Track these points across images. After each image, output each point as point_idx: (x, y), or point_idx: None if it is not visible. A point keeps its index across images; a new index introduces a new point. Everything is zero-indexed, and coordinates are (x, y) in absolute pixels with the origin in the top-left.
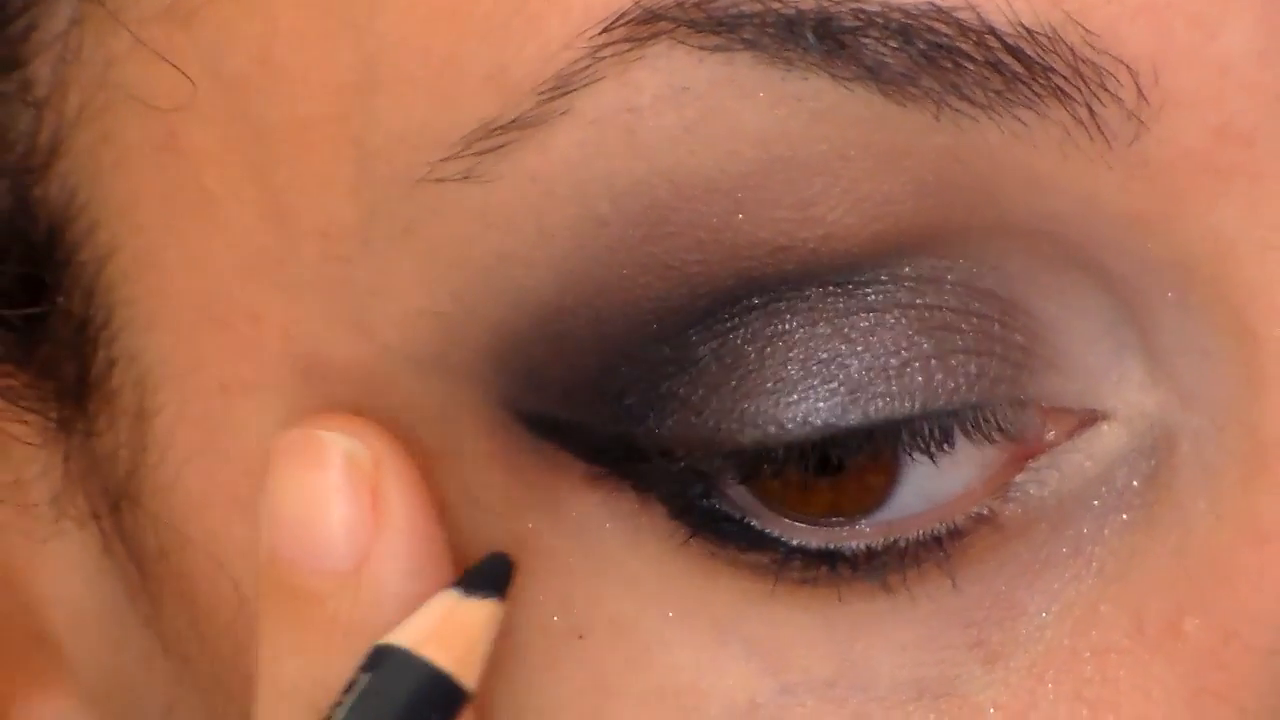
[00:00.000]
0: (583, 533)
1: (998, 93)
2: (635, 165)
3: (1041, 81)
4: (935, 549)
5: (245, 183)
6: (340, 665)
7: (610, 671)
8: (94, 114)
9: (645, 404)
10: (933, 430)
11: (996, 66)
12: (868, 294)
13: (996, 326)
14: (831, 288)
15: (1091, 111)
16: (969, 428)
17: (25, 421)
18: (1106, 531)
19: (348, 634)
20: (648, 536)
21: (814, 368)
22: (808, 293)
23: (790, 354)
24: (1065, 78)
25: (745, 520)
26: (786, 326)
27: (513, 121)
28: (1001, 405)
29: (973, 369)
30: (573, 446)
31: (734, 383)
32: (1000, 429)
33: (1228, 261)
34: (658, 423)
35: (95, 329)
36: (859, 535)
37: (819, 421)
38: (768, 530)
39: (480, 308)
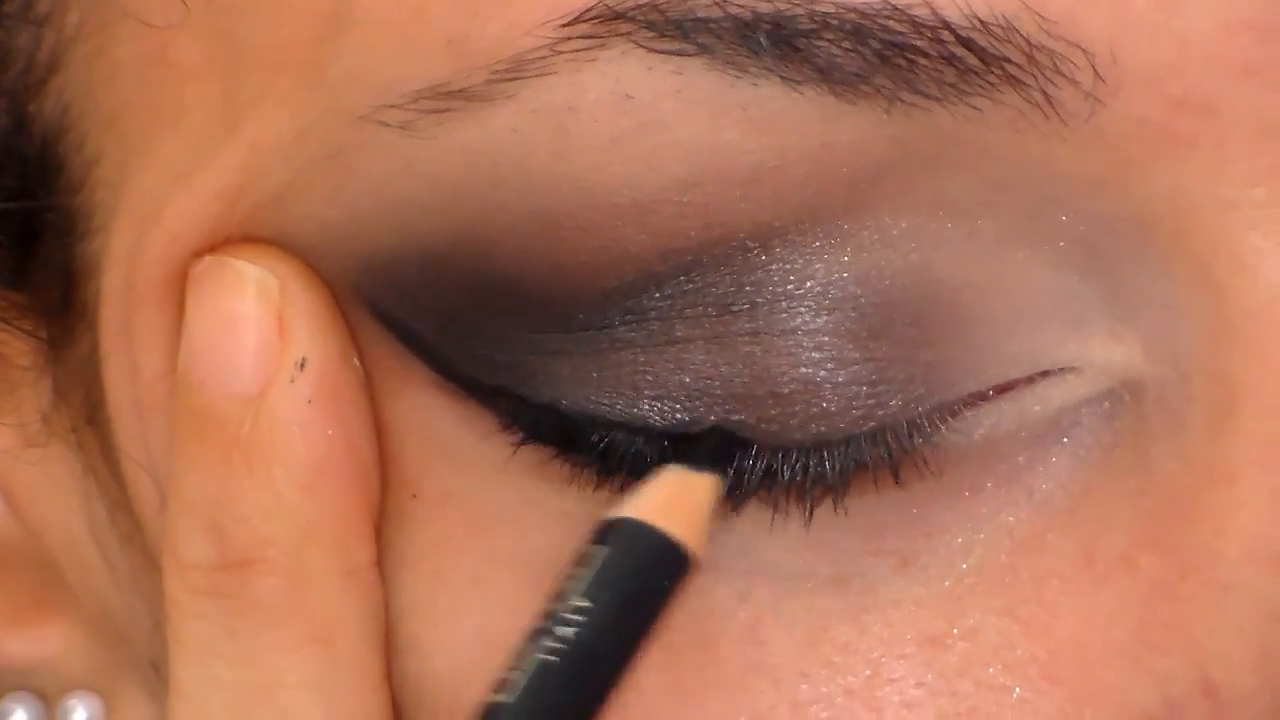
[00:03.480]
0: (419, 414)
1: (951, 85)
2: (554, 164)
3: (996, 71)
4: (835, 479)
5: (216, 97)
6: (236, 485)
7: (454, 530)
8: (91, 30)
9: (498, 365)
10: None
11: (950, 60)
12: (760, 314)
13: (900, 345)
14: (717, 309)
15: (1046, 95)
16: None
17: (19, 341)
18: (1054, 466)
19: (245, 455)
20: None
21: (688, 381)
22: (690, 311)
23: (666, 364)
24: (1019, 65)
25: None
26: (664, 336)
27: (460, 91)
28: (922, 417)
29: (869, 401)
30: (415, 351)
31: (599, 378)
32: (910, 444)
33: (1190, 217)
34: (509, 383)
35: (75, 237)
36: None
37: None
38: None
39: (372, 230)
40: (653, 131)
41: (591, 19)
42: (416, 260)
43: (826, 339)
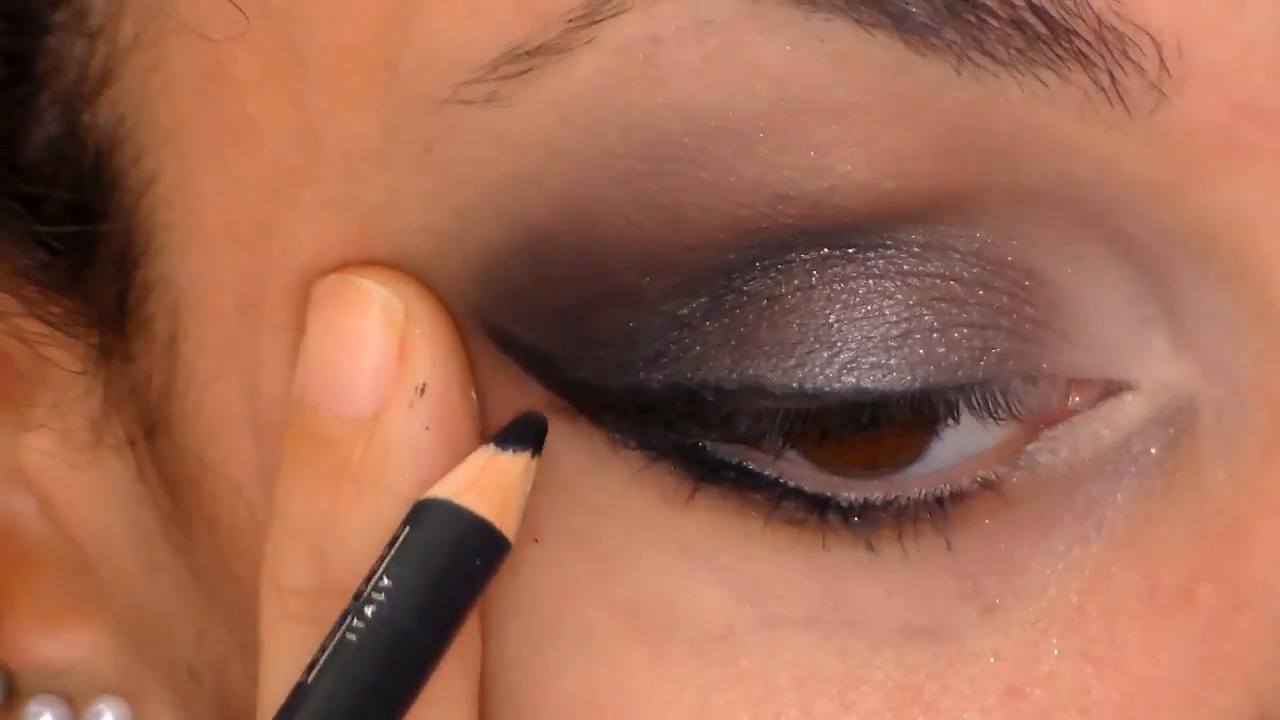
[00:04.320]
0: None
1: (1019, 50)
2: (651, 95)
3: (1064, 44)
4: (935, 508)
5: (284, 107)
6: (344, 511)
7: (573, 576)
8: (146, 43)
9: (621, 355)
10: (936, 405)
11: (1019, 25)
12: (869, 259)
13: (1006, 299)
14: (831, 251)
15: (1113, 78)
16: (975, 404)
17: (67, 348)
18: (1120, 496)
19: (356, 480)
20: (612, 469)
21: (809, 334)
22: (805, 257)
23: (786, 319)
24: (1088, 42)
25: (739, 463)
26: (781, 290)
27: (539, 47)
28: (1012, 381)
29: (978, 344)
30: (537, 373)
31: (723, 342)
32: (1008, 407)
33: (1250, 234)
34: (637, 374)
35: (135, 254)
36: (860, 487)
37: (811, 388)
38: (764, 472)
39: (479, 226)
40: (740, 52)
41: None
42: (527, 252)
43: (938, 282)
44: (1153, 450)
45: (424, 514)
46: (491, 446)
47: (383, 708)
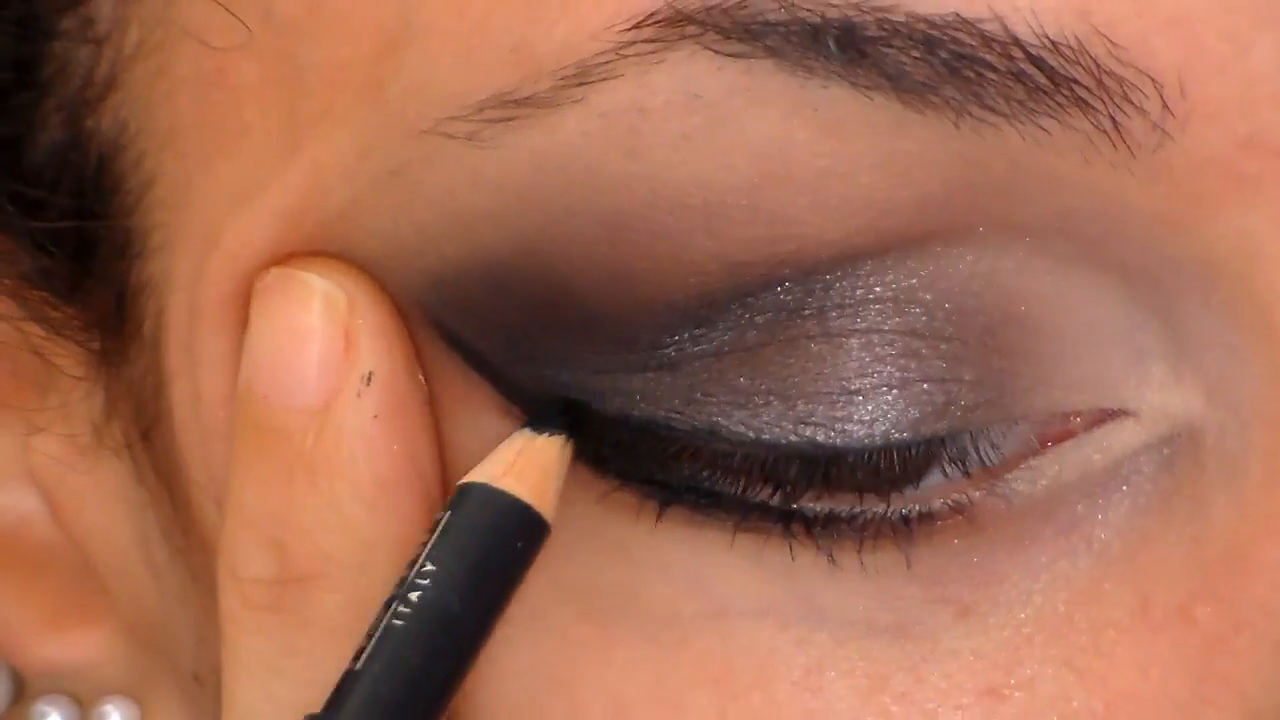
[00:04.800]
0: (482, 439)
1: (1020, 102)
2: (625, 164)
3: (1065, 92)
4: (900, 526)
5: (276, 117)
6: (298, 499)
7: None
8: (151, 49)
9: (568, 384)
10: (899, 460)
11: (1019, 77)
12: (827, 317)
13: (972, 350)
14: (789, 313)
15: (1115, 122)
16: (942, 457)
17: (69, 351)
18: (1112, 515)
19: (310, 469)
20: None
21: (762, 386)
22: (760, 318)
23: (738, 371)
24: (1089, 89)
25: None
26: (732, 347)
27: (527, 98)
28: (983, 431)
29: (940, 398)
30: (485, 375)
31: (675, 389)
32: (979, 458)
33: (1255, 262)
34: (587, 404)
35: (131, 255)
36: (828, 499)
37: (767, 439)
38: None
39: (438, 243)
40: (724, 128)
41: (657, 22)
42: (482, 275)
43: (897, 338)
44: (1147, 470)
45: (464, 498)
46: (527, 430)
47: (431, 692)
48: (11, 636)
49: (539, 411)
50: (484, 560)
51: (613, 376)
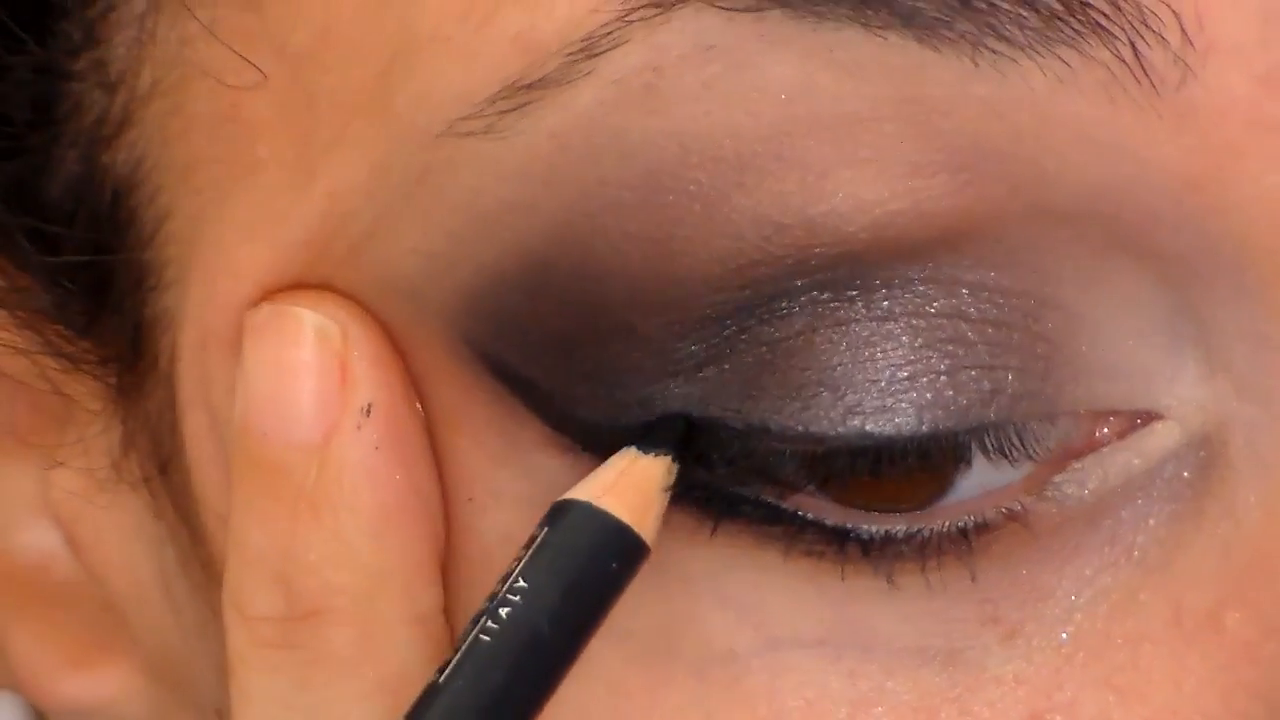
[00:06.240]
0: (536, 478)
1: (1035, 30)
2: (648, 123)
3: (1080, 17)
4: (959, 540)
5: (289, 149)
6: (303, 535)
7: None
8: (166, 89)
9: (617, 394)
10: (946, 448)
11: (1032, 3)
12: (873, 300)
13: (1016, 336)
14: (832, 295)
15: (1135, 51)
16: (988, 447)
17: (87, 385)
18: (1152, 522)
19: (313, 505)
20: None
21: (812, 378)
22: (804, 300)
23: (788, 364)
24: (1105, 14)
25: (756, 498)
26: (780, 335)
27: (537, 81)
28: (1028, 421)
29: (987, 385)
30: (535, 408)
31: (724, 387)
32: (1024, 448)
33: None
34: (636, 415)
35: (146, 290)
36: (882, 519)
37: (816, 431)
38: (782, 506)
39: (472, 249)
40: (743, 73)
41: None
42: (519, 278)
43: (945, 322)
44: (1185, 474)
45: (562, 516)
46: (633, 449)
47: (512, 712)
48: (33, 675)
49: (649, 431)
50: (578, 581)
51: (664, 384)
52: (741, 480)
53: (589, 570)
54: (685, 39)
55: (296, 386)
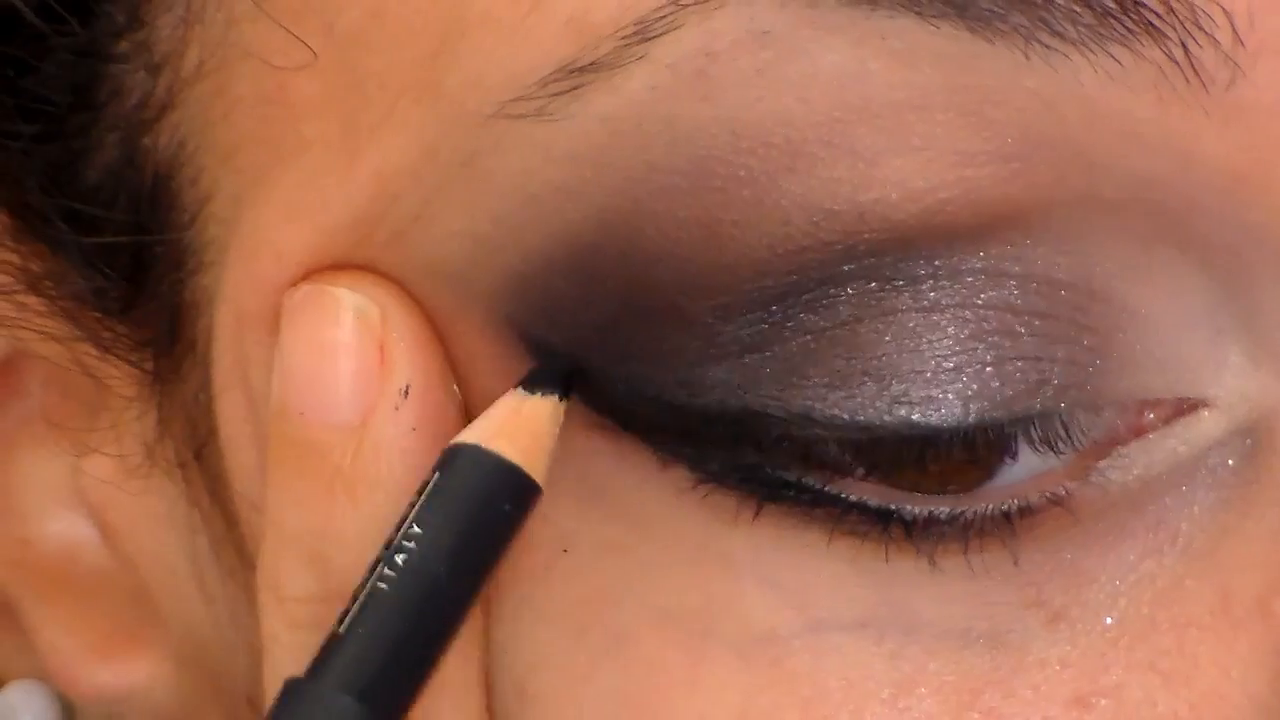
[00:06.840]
0: (575, 461)
1: (1089, 27)
2: (700, 109)
3: (1133, 16)
4: (1003, 524)
5: (335, 131)
6: (340, 515)
7: (603, 585)
8: (210, 70)
9: (662, 376)
10: (992, 439)
11: (1086, 1)
12: (920, 291)
13: (1063, 328)
14: (880, 285)
15: (1186, 50)
16: (1034, 438)
17: (122, 371)
18: (1196, 509)
19: (349, 485)
20: (657, 485)
21: (857, 366)
22: (853, 290)
23: (833, 351)
24: (1158, 14)
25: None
26: (827, 324)
27: (589, 64)
28: (1075, 411)
29: (1034, 376)
30: (577, 389)
31: (769, 373)
32: (1070, 439)
33: None
34: (681, 397)
35: (185, 273)
36: (925, 501)
37: (861, 420)
38: (826, 489)
39: (518, 233)
40: (796, 60)
41: None
42: (566, 263)
43: (993, 313)
44: (1230, 462)
45: (453, 460)
46: (520, 390)
47: (416, 656)
48: (63, 665)
49: (534, 373)
50: (472, 524)
51: (709, 368)
52: (787, 464)
53: (482, 513)
54: (739, 24)
55: (335, 367)
